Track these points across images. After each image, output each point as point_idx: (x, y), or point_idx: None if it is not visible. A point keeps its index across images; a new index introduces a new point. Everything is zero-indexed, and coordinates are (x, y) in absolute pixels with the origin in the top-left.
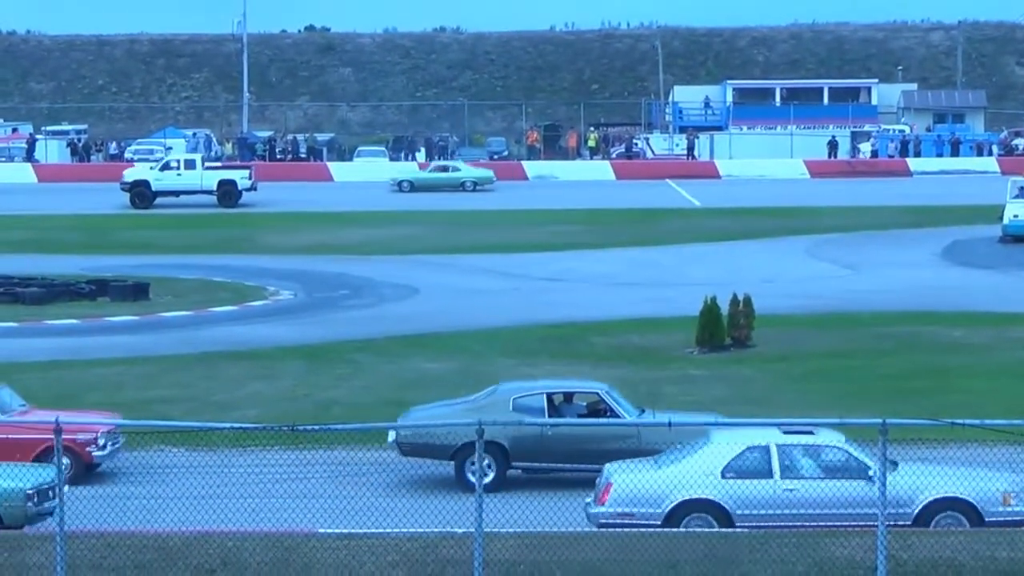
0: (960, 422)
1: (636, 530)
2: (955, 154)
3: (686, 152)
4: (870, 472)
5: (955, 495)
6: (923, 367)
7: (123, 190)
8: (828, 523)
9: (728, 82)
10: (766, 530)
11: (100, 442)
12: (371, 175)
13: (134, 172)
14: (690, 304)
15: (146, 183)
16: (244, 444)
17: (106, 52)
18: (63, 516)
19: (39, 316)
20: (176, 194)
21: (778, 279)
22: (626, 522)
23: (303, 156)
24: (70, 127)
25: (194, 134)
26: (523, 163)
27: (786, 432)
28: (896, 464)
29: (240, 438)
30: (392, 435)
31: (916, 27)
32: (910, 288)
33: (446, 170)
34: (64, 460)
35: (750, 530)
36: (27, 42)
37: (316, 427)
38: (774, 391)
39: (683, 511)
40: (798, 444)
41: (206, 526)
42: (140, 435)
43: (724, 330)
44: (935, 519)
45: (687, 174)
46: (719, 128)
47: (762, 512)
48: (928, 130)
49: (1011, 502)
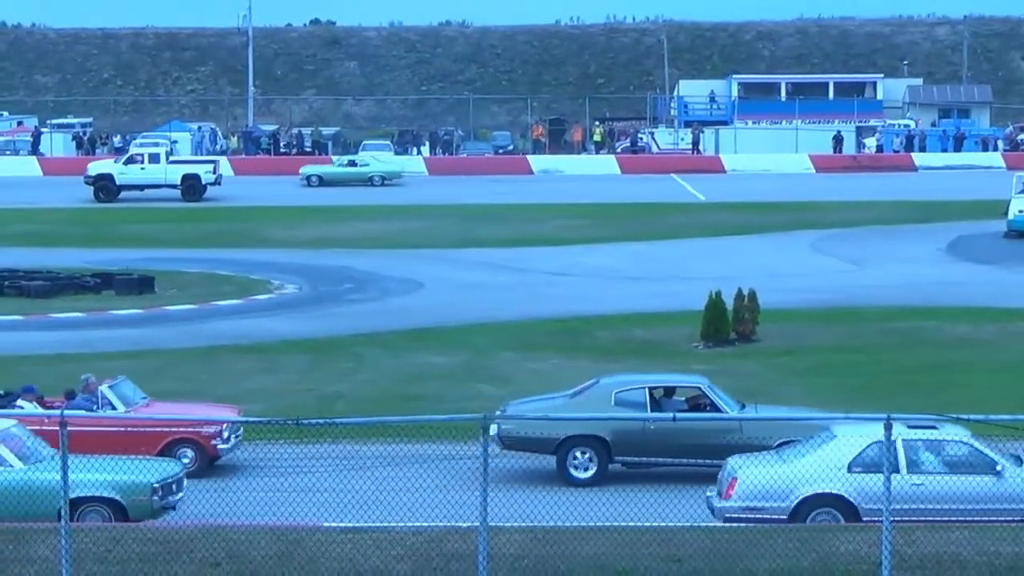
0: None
1: (638, 524)
2: (960, 149)
3: (691, 146)
4: (997, 467)
5: None
6: (927, 362)
7: (87, 183)
8: (955, 518)
9: (733, 77)
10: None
11: (224, 435)
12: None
13: (98, 166)
14: (695, 298)
15: (110, 177)
16: (248, 438)
17: (111, 45)
18: (67, 511)
19: (44, 309)
20: (140, 188)
21: (783, 274)
22: (752, 516)
23: (308, 150)
24: (75, 120)
25: (199, 128)
26: (528, 157)
27: (911, 427)
28: (1021, 460)
29: (245, 432)
30: (494, 429)
31: (922, 22)
32: (914, 283)
33: (354, 165)
34: (189, 453)
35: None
36: (32, 35)
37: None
38: (778, 386)
39: (809, 505)
40: (924, 439)
41: (211, 519)
42: None
43: (729, 324)
44: None
45: (692, 168)
46: (724, 122)
47: (892, 507)
48: (933, 125)
49: None
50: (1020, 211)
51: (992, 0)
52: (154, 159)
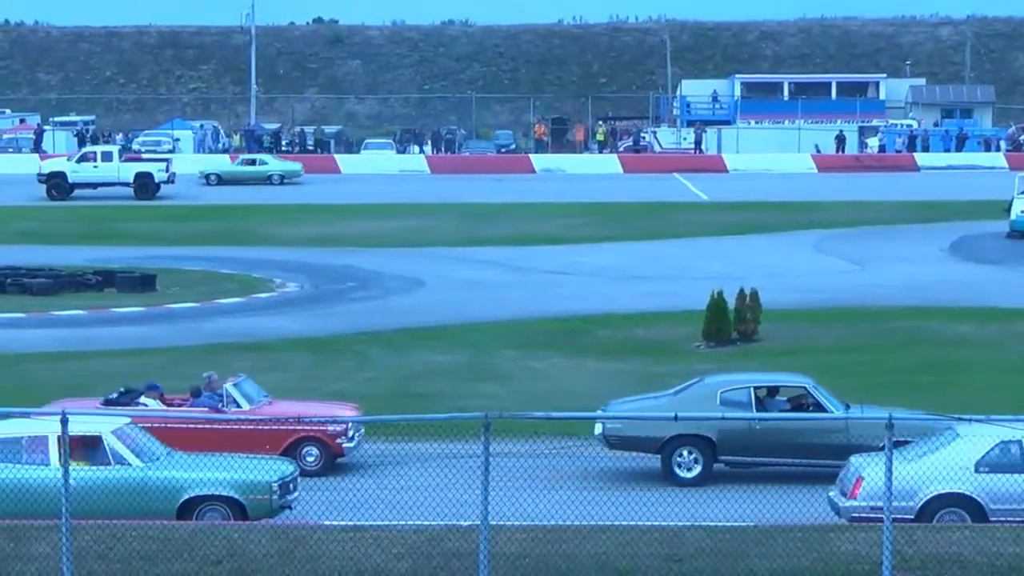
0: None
1: (640, 523)
2: (962, 149)
3: (694, 146)
4: None
5: None
6: (929, 362)
7: (40, 182)
8: None
9: (736, 76)
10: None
11: (349, 434)
12: (378, 168)
13: (51, 164)
14: (697, 298)
15: (63, 175)
16: None
17: (114, 43)
18: (68, 507)
19: (46, 307)
20: (94, 186)
21: (785, 273)
22: (878, 516)
23: (311, 148)
24: (78, 118)
25: (201, 126)
26: (531, 156)
27: None
28: None
29: None
30: (599, 428)
31: (924, 22)
32: (917, 283)
33: (253, 163)
34: (314, 451)
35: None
36: (35, 33)
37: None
38: None
39: (936, 505)
40: None
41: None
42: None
43: (730, 324)
44: None
45: (694, 168)
46: (727, 122)
47: (1018, 507)
48: (936, 125)
49: None
50: (1022, 211)
51: (995, 0)
52: (107, 157)
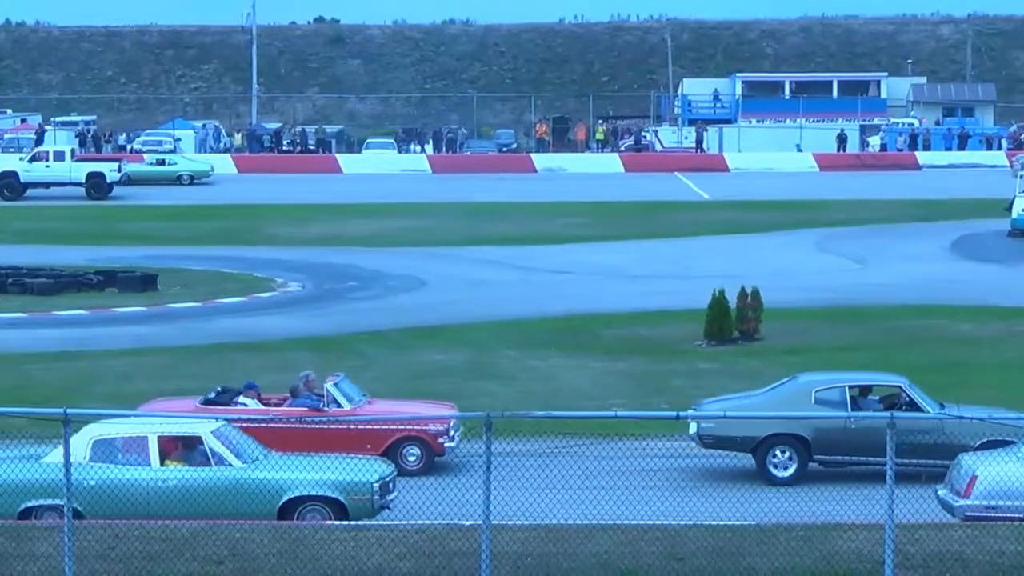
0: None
1: (643, 523)
2: (964, 148)
3: (695, 145)
4: None
5: None
6: (931, 361)
7: None
8: None
9: (737, 75)
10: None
11: (451, 433)
12: (380, 167)
13: (1, 163)
14: (698, 297)
15: (15, 174)
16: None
17: (115, 43)
18: (70, 507)
19: (47, 307)
20: (46, 186)
21: (786, 272)
22: (994, 515)
23: (312, 148)
24: (79, 118)
25: (203, 125)
26: (532, 155)
27: None
28: None
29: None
30: (693, 428)
31: (926, 20)
32: (919, 282)
33: (163, 163)
34: (415, 451)
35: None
36: (36, 33)
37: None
38: None
39: None
40: None
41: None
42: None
43: (732, 323)
44: None
45: (696, 167)
46: (728, 121)
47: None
48: (937, 124)
49: None
50: (1023, 210)
51: None
52: (59, 157)
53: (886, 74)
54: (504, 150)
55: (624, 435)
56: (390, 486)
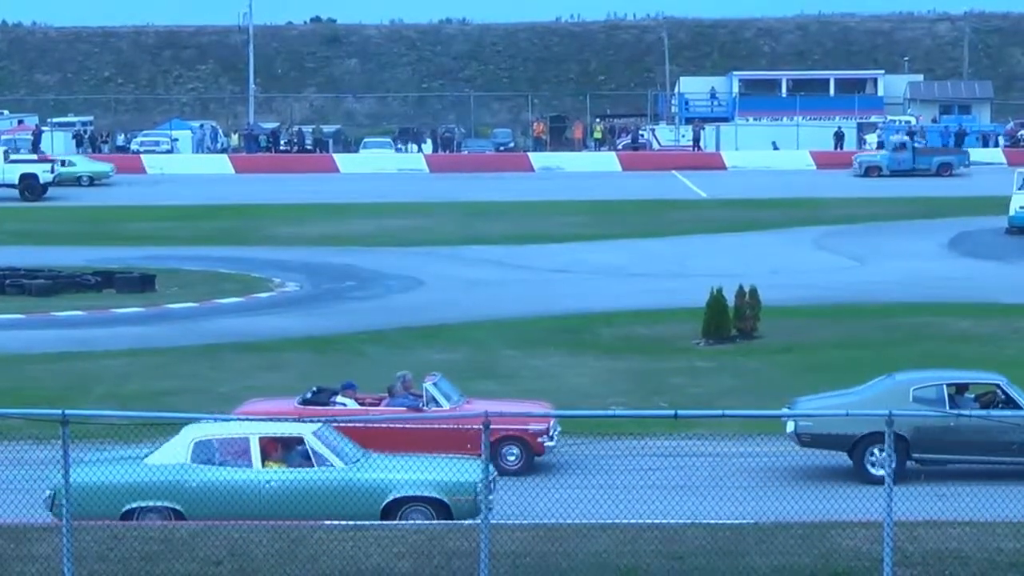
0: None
1: (641, 522)
2: (961, 145)
3: (692, 143)
4: None
5: None
6: (930, 358)
7: None
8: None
9: (734, 73)
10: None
11: (550, 432)
12: (377, 167)
13: None
14: (696, 295)
15: None
16: None
17: (112, 44)
18: (68, 508)
19: (45, 308)
20: None
21: (784, 270)
22: None
23: (309, 148)
24: (76, 119)
25: (200, 126)
26: (529, 154)
27: None
28: None
29: None
30: (791, 426)
31: (922, 18)
32: (916, 279)
33: (63, 164)
34: (515, 450)
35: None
36: (33, 34)
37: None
38: (780, 382)
39: None
40: None
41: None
42: (146, 427)
43: (730, 321)
44: None
45: (693, 165)
46: (725, 119)
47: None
48: (934, 121)
49: None
50: (1021, 207)
51: None
52: None
53: (883, 72)
54: (501, 149)
55: (623, 434)
56: (491, 486)
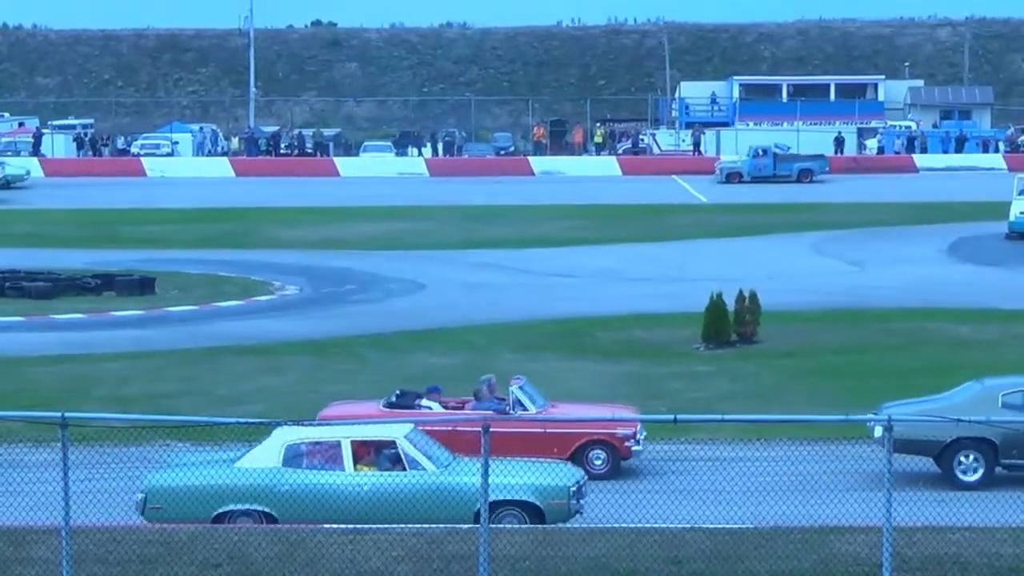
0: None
1: (641, 526)
2: (961, 151)
3: (692, 148)
4: None
5: None
6: (929, 363)
7: None
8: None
9: (735, 78)
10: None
11: (637, 436)
12: (377, 170)
13: None
14: (696, 300)
15: None
16: (250, 439)
17: (112, 46)
18: (68, 509)
19: (45, 310)
20: None
21: (784, 275)
22: None
23: (309, 151)
24: (76, 121)
25: (200, 128)
26: (529, 159)
27: None
28: None
29: (246, 433)
30: (879, 432)
31: (923, 23)
32: (916, 284)
33: None
34: (601, 454)
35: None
36: (33, 36)
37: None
38: (780, 387)
39: None
40: None
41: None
42: (145, 429)
43: (730, 326)
44: None
45: (693, 170)
46: (725, 124)
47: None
48: (935, 126)
49: None
50: (1021, 212)
51: (993, 2)
52: None
53: (883, 77)
54: (501, 153)
55: None
56: (583, 490)
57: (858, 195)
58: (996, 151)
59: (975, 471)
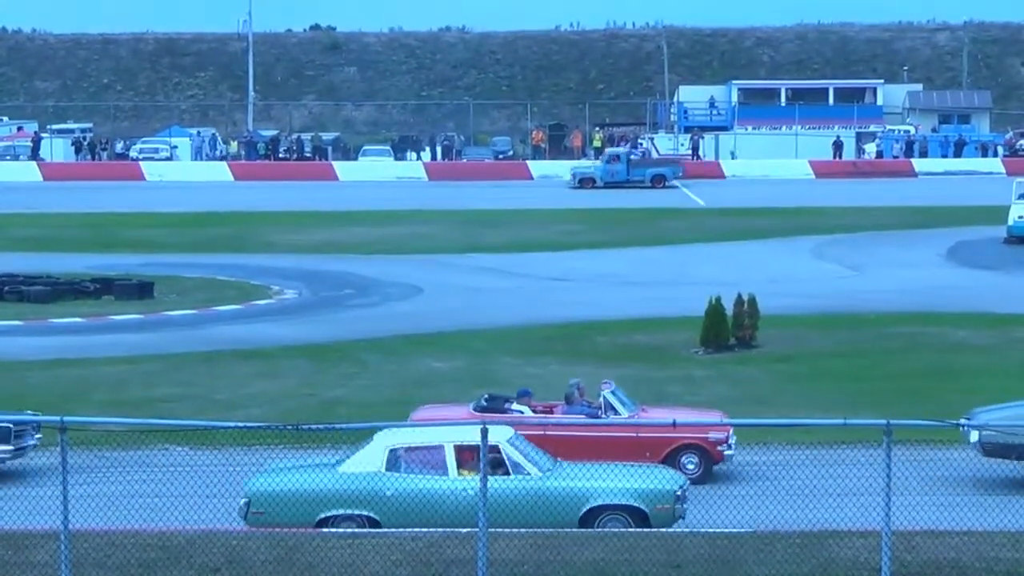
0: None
1: (640, 530)
2: (960, 155)
3: (691, 152)
4: None
5: None
6: (928, 368)
7: None
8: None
9: (733, 82)
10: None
11: (729, 441)
12: (376, 174)
13: None
14: (694, 304)
15: None
16: (248, 443)
17: (111, 50)
18: (67, 513)
19: (44, 314)
20: None
21: (782, 279)
22: None
23: (308, 155)
24: (75, 125)
25: (199, 133)
26: (528, 163)
27: None
28: None
29: (244, 437)
30: (975, 436)
31: (922, 27)
32: (915, 288)
33: None
34: (694, 459)
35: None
36: (32, 40)
37: (320, 426)
38: (778, 391)
39: None
40: None
41: (210, 525)
42: (144, 433)
43: (728, 330)
44: None
45: (692, 174)
46: (724, 128)
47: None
48: (933, 131)
49: None
50: (1020, 216)
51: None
52: None
53: (882, 81)
54: (500, 157)
55: None
56: (686, 494)
57: (857, 199)
58: (995, 155)
59: None
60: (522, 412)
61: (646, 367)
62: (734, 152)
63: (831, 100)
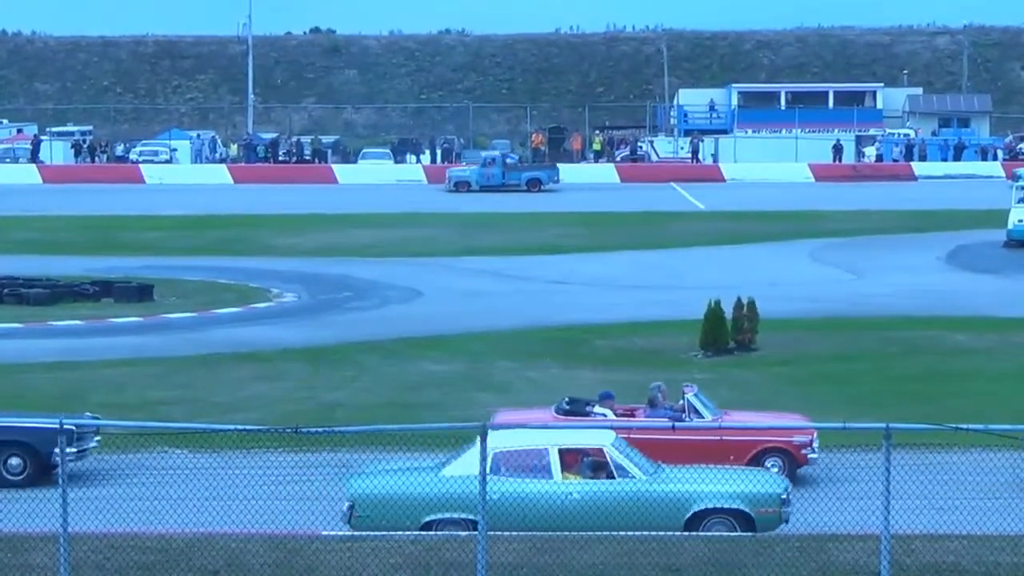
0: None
1: (639, 534)
2: (959, 158)
3: (691, 155)
4: None
5: None
6: (927, 371)
7: None
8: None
9: (733, 85)
10: (771, 534)
11: (813, 444)
12: (376, 177)
13: None
14: (694, 307)
15: None
16: (247, 446)
17: (111, 53)
18: (67, 516)
19: (43, 317)
20: None
21: (782, 283)
22: None
23: (308, 158)
24: (75, 128)
25: (199, 135)
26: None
27: None
28: None
29: (243, 440)
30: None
31: (922, 31)
32: (914, 292)
33: None
34: (778, 462)
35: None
36: (32, 43)
37: (319, 429)
38: (778, 395)
39: None
40: None
41: (209, 528)
42: (143, 436)
43: (728, 333)
44: None
45: (691, 177)
46: (724, 131)
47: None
48: (933, 134)
49: None
50: (1019, 220)
51: (992, 10)
52: None
53: (882, 85)
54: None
55: None
56: (790, 498)
57: (856, 203)
58: (994, 159)
59: None
60: (605, 415)
61: (645, 370)
62: (716, 155)
63: (831, 103)
